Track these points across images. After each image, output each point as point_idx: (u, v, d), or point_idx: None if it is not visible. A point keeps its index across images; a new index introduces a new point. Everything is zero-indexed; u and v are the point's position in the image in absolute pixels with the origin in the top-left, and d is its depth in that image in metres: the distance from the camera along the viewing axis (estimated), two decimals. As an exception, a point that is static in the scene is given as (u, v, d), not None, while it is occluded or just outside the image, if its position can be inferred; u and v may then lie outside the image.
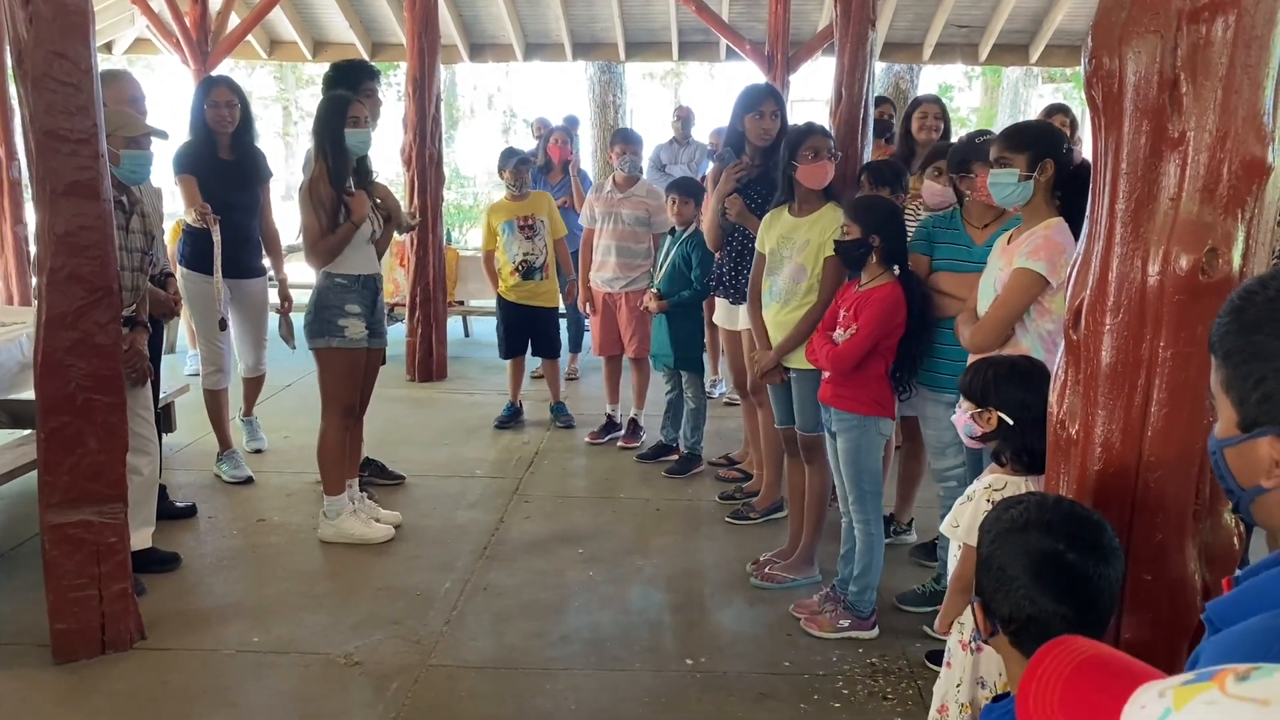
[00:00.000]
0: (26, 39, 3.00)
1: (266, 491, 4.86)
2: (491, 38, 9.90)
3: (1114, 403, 1.77)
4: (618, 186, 5.52)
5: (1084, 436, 1.82)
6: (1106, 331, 1.76)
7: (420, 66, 6.76)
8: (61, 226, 3.08)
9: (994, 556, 1.56)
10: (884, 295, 3.37)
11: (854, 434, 3.48)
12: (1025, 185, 2.96)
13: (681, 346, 5.16)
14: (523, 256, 5.76)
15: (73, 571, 3.20)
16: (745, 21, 9.06)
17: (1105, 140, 1.75)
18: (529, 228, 5.74)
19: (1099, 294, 1.78)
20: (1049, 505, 1.60)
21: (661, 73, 23.49)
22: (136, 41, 9.90)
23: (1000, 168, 3.00)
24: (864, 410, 3.44)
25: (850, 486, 3.53)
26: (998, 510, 1.64)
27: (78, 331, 3.12)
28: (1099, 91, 1.74)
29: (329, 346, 4.12)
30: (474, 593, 3.84)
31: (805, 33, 8.84)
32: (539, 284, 5.80)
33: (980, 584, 1.59)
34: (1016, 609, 1.52)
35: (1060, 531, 1.53)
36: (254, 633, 3.49)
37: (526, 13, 9.58)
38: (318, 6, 9.44)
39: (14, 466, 3.93)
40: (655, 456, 5.38)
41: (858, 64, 4.48)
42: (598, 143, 11.50)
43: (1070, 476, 1.86)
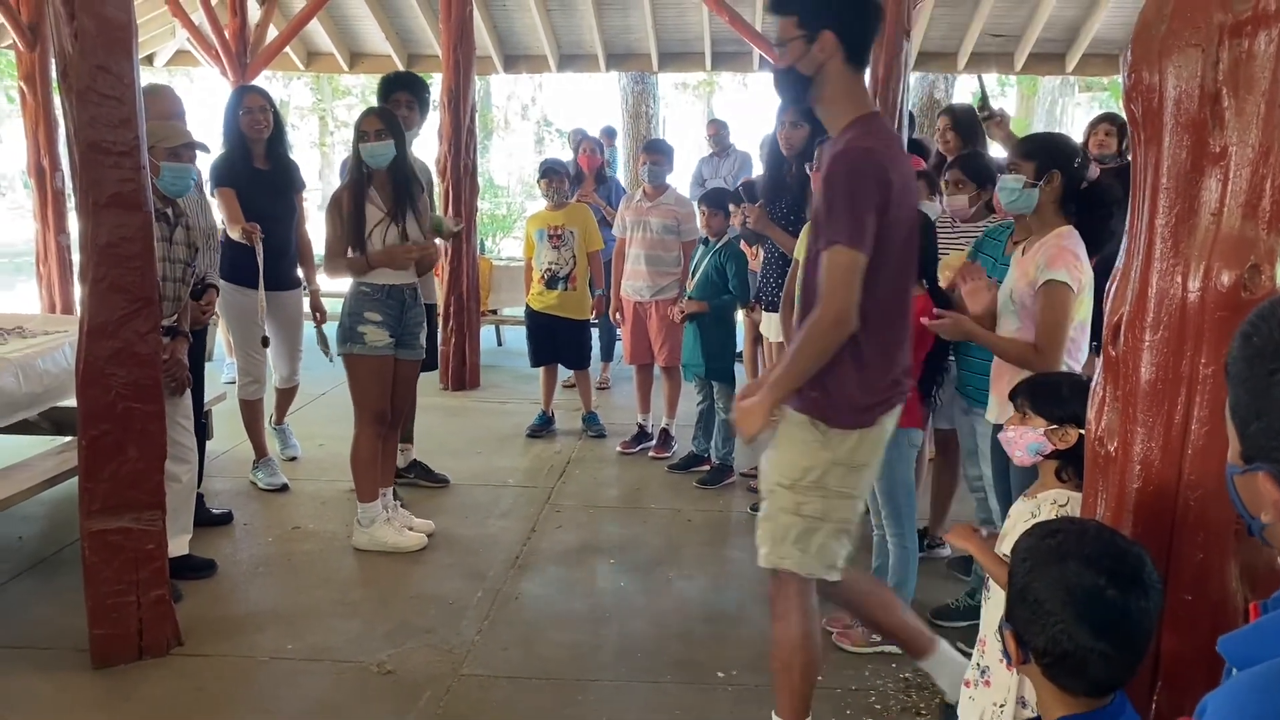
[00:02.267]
0: (71, 53, 3.05)
1: (301, 499, 4.91)
2: (525, 49, 9.95)
3: (1153, 420, 1.74)
4: (647, 196, 5.54)
5: (1122, 454, 1.80)
6: (1146, 348, 1.74)
7: (455, 78, 6.81)
8: (104, 237, 3.13)
9: (1030, 588, 1.51)
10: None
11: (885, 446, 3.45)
12: (1030, 193, 3.02)
13: (713, 356, 5.16)
14: (547, 265, 5.82)
15: (111, 578, 3.24)
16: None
17: (1145, 155, 1.73)
18: (557, 238, 5.79)
19: (1138, 310, 1.76)
20: (1089, 535, 1.54)
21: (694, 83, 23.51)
22: (177, 54, 10.04)
23: (1009, 174, 3.07)
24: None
25: (883, 500, 3.52)
26: (1034, 537, 1.59)
27: (118, 340, 3.17)
28: (1139, 106, 1.72)
29: (351, 352, 4.17)
30: (506, 602, 3.85)
31: (838, 42, 8.81)
32: (564, 294, 5.83)
33: (1014, 613, 1.54)
34: (1052, 643, 1.47)
35: (1101, 565, 1.47)
36: (288, 640, 3.52)
37: (560, 24, 9.63)
38: (354, 18, 9.54)
39: (55, 473, 3.99)
40: (686, 467, 5.38)
41: (892, 75, 4.48)
42: (631, 153, 11.52)
43: (1108, 494, 1.84)
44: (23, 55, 6.78)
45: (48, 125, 6.86)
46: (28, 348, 4.35)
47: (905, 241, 2.47)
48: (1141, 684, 1.73)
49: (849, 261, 2.34)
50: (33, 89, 6.83)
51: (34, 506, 4.34)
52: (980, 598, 3.50)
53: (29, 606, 3.73)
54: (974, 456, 3.54)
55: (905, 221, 2.46)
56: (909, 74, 4.67)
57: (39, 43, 6.69)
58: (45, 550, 4.23)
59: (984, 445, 3.37)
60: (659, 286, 5.45)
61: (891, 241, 2.39)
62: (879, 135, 2.46)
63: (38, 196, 7.02)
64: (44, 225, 6.98)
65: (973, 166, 4.04)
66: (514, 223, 18.42)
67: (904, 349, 2.57)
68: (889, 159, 2.40)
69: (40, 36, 6.68)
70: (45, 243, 6.99)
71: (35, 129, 6.88)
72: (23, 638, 3.48)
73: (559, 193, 5.86)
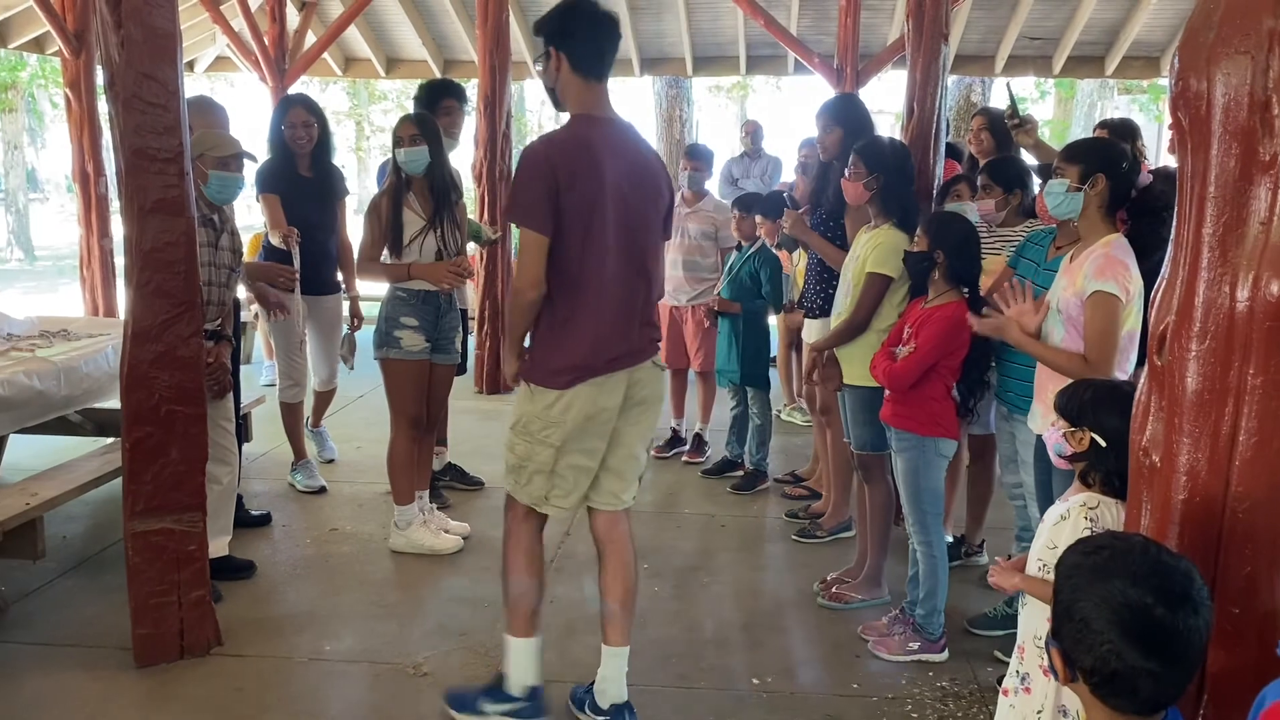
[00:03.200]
0: (118, 61, 3.10)
1: (338, 501, 4.96)
2: (560, 53, 9.99)
3: (1200, 431, 1.72)
4: (685, 201, 5.54)
5: (1167, 465, 1.78)
6: (1192, 358, 1.72)
7: (491, 84, 6.85)
8: (148, 242, 3.18)
9: (1076, 606, 1.48)
10: (946, 315, 3.33)
11: (912, 454, 3.45)
12: (1074, 197, 2.98)
13: (747, 362, 5.15)
14: None
15: (154, 578, 3.29)
16: (814, 35, 9.03)
17: (1192, 163, 1.72)
18: None
19: (1184, 319, 1.74)
20: (1135, 552, 1.51)
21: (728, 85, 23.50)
22: (217, 60, 10.18)
23: (1055, 178, 3.04)
24: (922, 430, 3.41)
25: (910, 507, 3.50)
26: (1078, 553, 1.57)
27: (162, 344, 3.22)
28: (1185, 114, 1.70)
29: (388, 357, 4.20)
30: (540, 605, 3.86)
31: (875, 45, 8.78)
32: None
33: (1060, 631, 1.52)
34: (1101, 663, 1.45)
35: (1149, 583, 1.44)
36: (326, 641, 3.55)
37: (595, 28, 9.65)
38: (391, 25, 9.62)
39: (99, 474, 4.05)
40: (720, 472, 5.37)
41: (930, 79, 4.44)
42: (665, 157, 11.53)
43: (1153, 505, 1.82)
44: (68, 62, 6.90)
45: (92, 131, 6.97)
46: (72, 350, 4.43)
47: (591, 223, 2.69)
48: (1188, 698, 1.71)
49: (527, 240, 2.70)
50: (78, 95, 6.94)
51: (78, 506, 4.41)
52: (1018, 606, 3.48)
53: (74, 605, 3.79)
54: (1013, 464, 3.51)
55: (584, 206, 2.68)
56: (946, 77, 4.63)
57: (84, 50, 6.80)
58: (89, 549, 4.30)
59: (1025, 453, 3.34)
60: (695, 292, 5.45)
61: (572, 223, 2.68)
62: (568, 131, 2.78)
63: (82, 201, 7.13)
64: (88, 230, 7.09)
65: (1000, 170, 4.02)
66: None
67: (615, 327, 2.80)
68: (562, 151, 2.69)
69: (85, 44, 6.79)
70: (89, 247, 7.10)
71: (80, 135, 6.99)
72: (68, 635, 3.54)
73: None
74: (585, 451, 2.87)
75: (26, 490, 3.80)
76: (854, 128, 4.19)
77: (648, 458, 3.15)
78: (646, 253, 2.87)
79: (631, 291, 2.83)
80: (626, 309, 2.82)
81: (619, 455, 2.95)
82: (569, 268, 2.73)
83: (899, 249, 3.59)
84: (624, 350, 2.83)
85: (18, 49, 8.23)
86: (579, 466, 2.89)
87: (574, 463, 2.87)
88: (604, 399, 2.82)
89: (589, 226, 2.70)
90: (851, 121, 4.25)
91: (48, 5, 6.57)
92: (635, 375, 2.89)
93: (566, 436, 2.82)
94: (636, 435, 2.97)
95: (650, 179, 2.87)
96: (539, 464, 2.87)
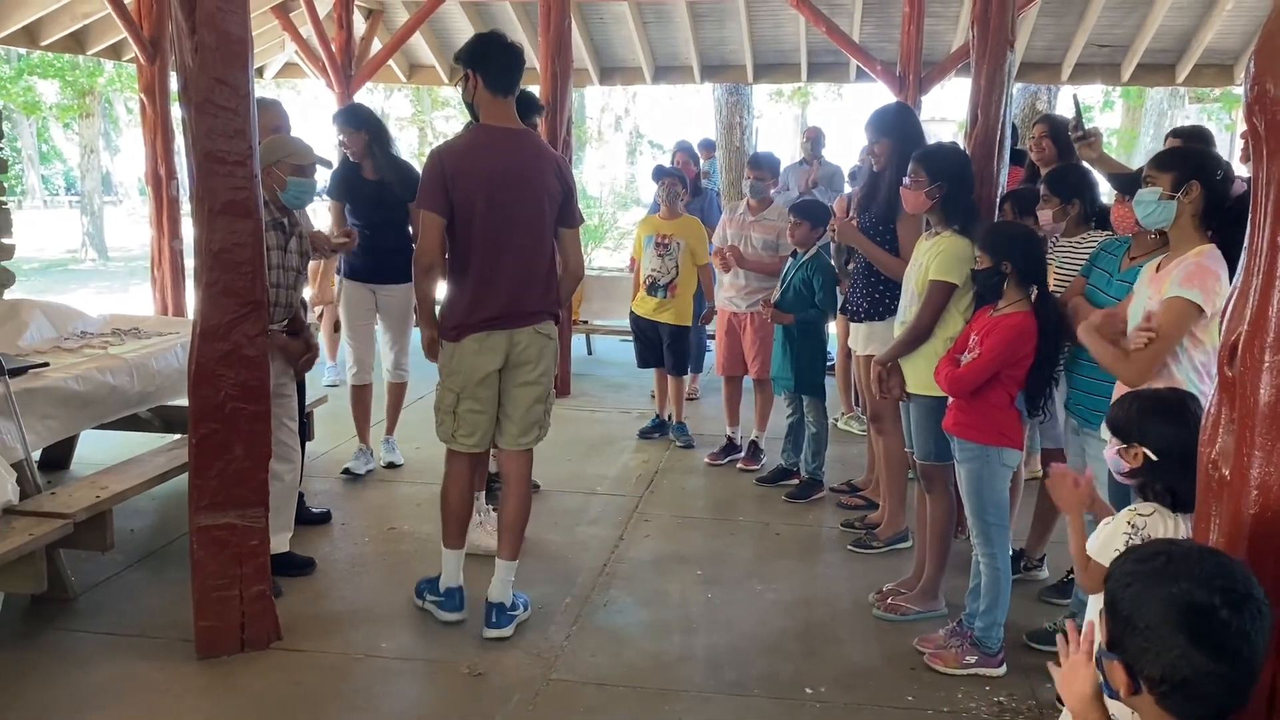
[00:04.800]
0: (192, 66, 3.18)
1: (398, 500, 5.02)
2: (621, 61, 10.04)
3: (1272, 444, 1.68)
4: (749, 209, 5.54)
5: (1238, 478, 1.73)
6: (1265, 369, 1.68)
7: (554, 90, 6.90)
8: (217, 243, 3.25)
9: (1139, 614, 1.45)
10: (1012, 323, 3.28)
11: (976, 464, 3.39)
12: (1167, 205, 2.89)
13: (803, 370, 5.12)
14: (650, 272, 5.91)
15: (217, 572, 3.36)
16: (876, 42, 8.96)
17: (1267, 170, 1.67)
18: (664, 246, 5.86)
19: (1257, 329, 1.69)
20: (1194, 556, 1.49)
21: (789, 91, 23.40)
22: (285, 66, 10.39)
23: (1146, 186, 2.95)
24: (986, 439, 3.36)
25: (973, 518, 3.45)
26: (1131, 562, 1.53)
27: (228, 343, 3.29)
28: (1260, 119, 1.66)
29: None
30: (595, 609, 3.88)
31: (938, 53, 8.69)
32: (663, 301, 5.90)
33: (1121, 642, 1.48)
34: (1171, 670, 1.42)
35: (1213, 584, 1.42)
36: (382, 639, 3.59)
37: (656, 36, 9.69)
38: (455, 32, 9.74)
39: (166, 469, 4.15)
40: (775, 480, 5.34)
41: (995, 87, 4.37)
42: (724, 164, 11.51)
43: (1222, 519, 1.78)
44: (143, 68, 7.09)
45: (165, 135, 7.16)
46: (143, 348, 4.55)
47: (473, 211, 3.39)
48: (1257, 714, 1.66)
49: (425, 219, 3.38)
50: (152, 100, 7.13)
51: (145, 500, 4.52)
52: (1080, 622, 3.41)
53: (139, 596, 3.89)
54: None
55: (466, 197, 3.37)
56: (1012, 85, 4.56)
57: (159, 57, 6.99)
58: (155, 543, 4.41)
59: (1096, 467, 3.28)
60: (756, 299, 5.43)
61: (459, 210, 3.38)
62: (461, 139, 3.56)
63: (154, 204, 7.32)
64: (159, 231, 7.27)
65: (1058, 180, 3.94)
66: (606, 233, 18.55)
67: (491, 293, 3.46)
68: (452, 154, 3.43)
69: (160, 50, 6.97)
70: (160, 247, 7.28)
71: (154, 139, 7.18)
72: (133, 626, 3.63)
73: (675, 198, 5.91)
74: (476, 399, 3.55)
75: (97, 484, 3.91)
76: (902, 137, 4.19)
77: (544, 411, 3.69)
78: (523, 235, 3.47)
79: (506, 266, 3.45)
80: (501, 280, 3.46)
81: (512, 404, 3.61)
82: (458, 247, 3.46)
83: (962, 256, 3.55)
84: (497, 313, 3.47)
85: (95, 55, 8.48)
86: (474, 411, 3.57)
87: (469, 408, 3.56)
88: (483, 353, 3.49)
89: (471, 214, 3.39)
90: (900, 131, 4.24)
91: (125, 13, 6.77)
92: (515, 337, 3.51)
93: (462, 384, 3.53)
94: (523, 388, 3.59)
95: (530, 177, 3.47)
96: (445, 406, 3.59)
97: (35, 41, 7.67)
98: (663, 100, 26.62)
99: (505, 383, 3.58)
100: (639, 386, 7.56)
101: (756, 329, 5.44)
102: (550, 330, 3.63)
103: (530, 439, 3.70)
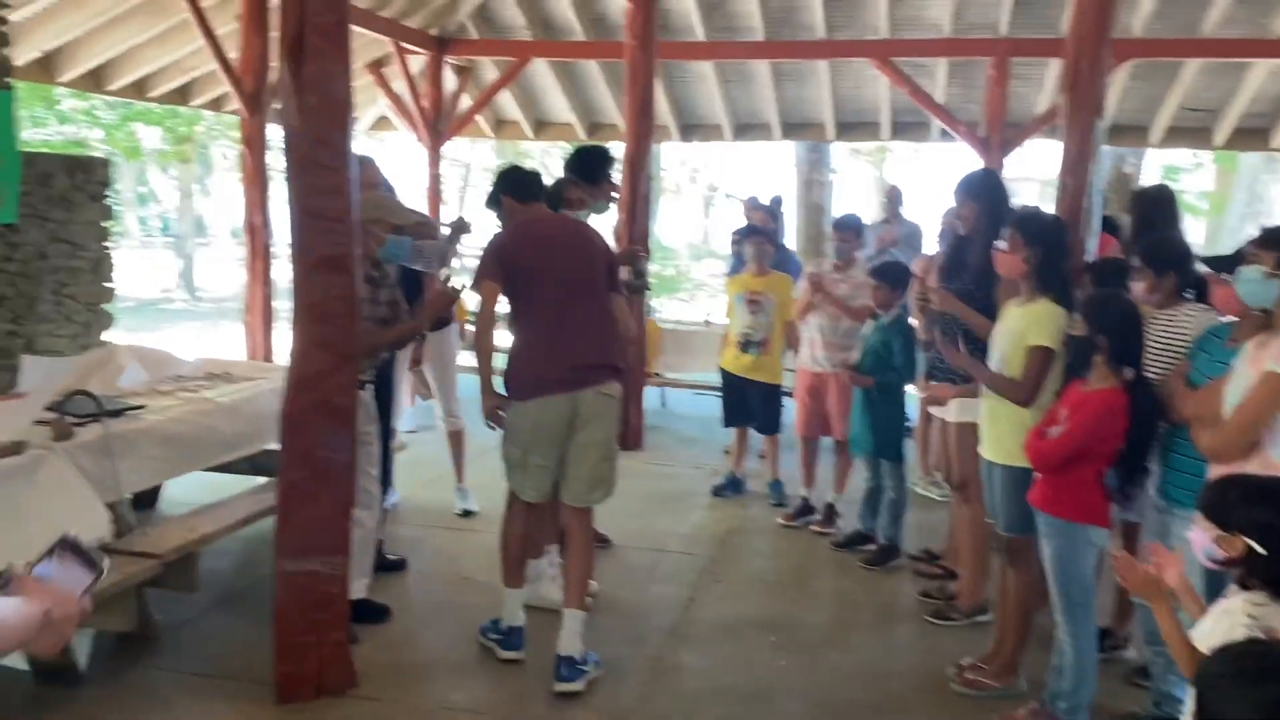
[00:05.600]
0: (296, 125, 3.32)
1: (472, 550, 5.05)
2: (702, 118, 10.14)
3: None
4: (834, 269, 5.53)
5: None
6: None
7: (636, 147, 7.01)
8: (313, 296, 3.36)
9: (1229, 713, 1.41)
10: (1101, 401, 3.21)
11: (1061, 540, 3.31)
12: (1270, 283, 2.85)
13: (882, 433, 5.06)
14: (743, 329, 5.93)
15: (298, 618, 3.42)
16: (960, 103, 8.93)
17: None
18: (756, 303, 5.88)
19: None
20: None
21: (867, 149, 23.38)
22: (377, 120, 10.71)
23: (1248, 264, 2.90)
24: (1072, 516, 3.28)
25: (1058, 596, 3.36)
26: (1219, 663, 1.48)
27: (319, 393, 3.38)
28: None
29: None
30: (665, 671, 3.85)
31: (1023, 115, 8.63)
32: (756, 359, 5.91)
33: None
34: None
35: None
36: (455, 690, 3.61)
37: (738, 94, 9.78)
38: (541, 89, 9.95)
39: (251, 512, 4.25)
40: (851, 545, 5.26)
41: (1084, 153, 4.33)
42: (802, 220, 11.52)
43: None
44: (245, 121, 7.37)
45: (262, 186, 7.39)
46: (235, 392, 4.67)
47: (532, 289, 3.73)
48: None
49: (482, 288, 3.73)
50: (251, 152, 7.39)
51: (229, 542, 4.60)
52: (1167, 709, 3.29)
53: (220, 637, 3.97)
54: None
55: (526, 267, 3.72)
56: (1100, 150, 4.51)
57: (259, 110, 7.26)
58: (236, 584, 4.50)
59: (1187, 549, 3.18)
60: (838, 358, 5.40)
61: (521, 278, 3.72)
62: (511, 230, 3.89)
63: (249, 251, 7.54)
64: (252, 277, 7.49)
65: (1149, 251, 3.85)
66: (680, 285, 18.66)
67: (547, 361, 3.68)
68: (507, 240, 3.83)
69: (260, 105, 7.25)
70: (253, 294, 7.49)
71: (251, 188, 7.43)
72: (214, 667, 3.71)
73: (764, 257, 5.95)
74: (542, 454, 3.71)
75: (186, 525, 4.02)
76: (990, 202, 4.16)
77: (610, 468, 3.83)
78: (580, 297, 3.74)
79: (561, 332, 3.69)
80: (556, 345, 3.68)
81: (577, 462, 3.74)
82: (520, 311, 3.79)
83: (1060, 322, 3.50)
84: (556, 378, 3.66)
85: (198, 107, 8.85)
86: (539, 466, 3.73)
87: (535, 463, 3.73)
88: (546, 413, 3.66)
89: (530, 280, 3.72)
90: (988, 196, 4.22)
91: (229, 69, 7.06)
92: (579, 398, 3.67)
93: (527, 440, 3.70)
94: (588, 448, 3.73)
95: (576, 244, 3.84)
96: (514, 461, 3.77)
97: (144, 94, 8.04)
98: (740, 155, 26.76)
99: (570, 441, 3.71)
100: (712, 442, 7.53)
101: (841, 389, 5.40)
102: (613, 390, 3.77)
103: (597, 496, 3.82)
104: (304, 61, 3.26)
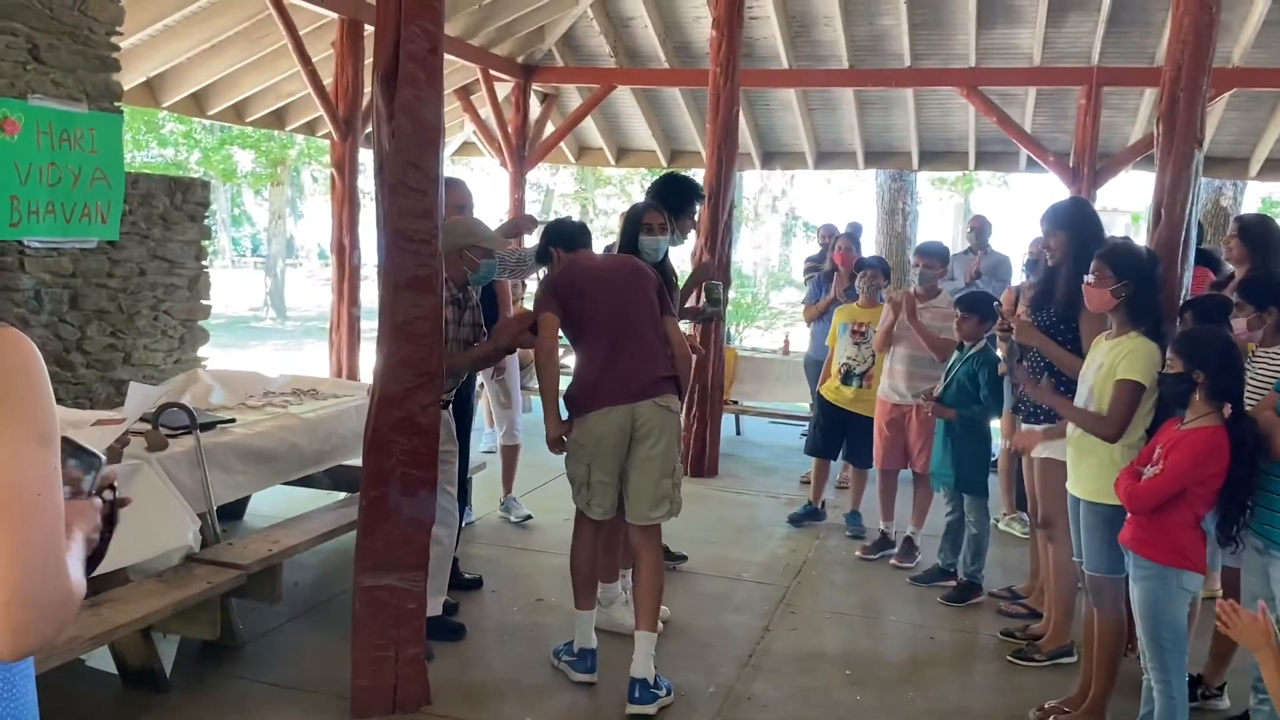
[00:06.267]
0: (388, 150, 3.39)
1: (546, 571, 5.07)
2: (784, 146, 10.15)
3: None
4: (918, 298, 5.45)
5: None
6: None
7: (719, 175, 7.03)
8: (400, 316, 3.42)
9: None
10: (1200, 439, 3.09)
11: (1152, 584, 3.19)
12: None
13: (964, 467, 4.95)
14: (845, 360, 5.91)
15: (376, 632, 3.46)
16: (1049, 133, 8.79)
17: None
18: (860, 334, 5.85)
19: None
20: None
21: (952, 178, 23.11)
22: (463, 145, 10.93)
23: None
24: (1165, 560, 3.15)
25: (1148, 641, 3.23)
26: None
27: (403, 411, 3.43)
28: None
29: None
30: (738, 701, 3.80)
31: (1114, 144, 8.46)
32: (858, 390, 5.86)
33: None
34: None
35: None
36: (527, 711, 3.62)
37: (821, 123, 9.77)
38: (624, 117, 10.06)
39: (333, 526, 4.33)
40: (931, 581, 5.15)
41: (1180, 185, 4.21)
42: (884, 249, 11.40)
43: None
44: (336, 144, 7.57)
45: (351, 208, 7.59)
46: (321, 409, 4.78)
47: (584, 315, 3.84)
48: None
49: (541, 319, 3.85)
50: (342, 175, 7.59)
51: (309, 555, 4.70)
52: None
53: (300, 649, 4.04)
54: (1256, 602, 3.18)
55: (579, 295, 3.86)
56: (1198, 182, 4.38)
57: (351, 135, 7.46)
58: (317, 597, 4.58)
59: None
60: (919, 389, 5.32)
61: (573, 314, 3.85)
62: (564, 266, 4.05)
63: (336, 271, 7.74)
64: (339, 297, 7.68)
65: (1254, 286, 3.72)
66: (759, 313, 18.59)
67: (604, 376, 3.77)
68: (560, 275, 3.99)
69: (352, 129, 7.45)
70: (340, 313, 7.68)
71: (340, 211, 7.62)
72: (293, 678, 3.77)
73: (876, 290, 5.91)
74: (604, 470, 3.77)
75: (269, 537, 4.11)
76: (1080, 232, 4.05)
77: (673, 485, 3.83)
78: (632, 316, 3.85)
79: (623, 346, 3.79)
80: (614, 364, 3.77)
81: (639, 478, 3.78)
82: (579, 337, 3.89)
83: (1152, 357, 3.40)
84: (613, 391, 3.74)
85: (293, 131, 9.13)
86: (602, 482, 3.79)
87: (598, 479, 3.78)
88: (605, 426, 3.73)
89: (583, 307, 3.84)
90: (1077, 225, 4.11)
91: (324, 94, 7.27)
92: (637, 410, 3.73)
93: (590, 456, 3.76)
94: (649, 462, 3.76)
95: (624, 271, 3.98)
96: (579, 478, 3.82)
97: (241, 118, 8.34)
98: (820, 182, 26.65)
99: (631, 457, 3.76)
100: (788, 470, 7.47)
101: (923, 421, 5.31)
102: (671, 403, 3.82)
103: (660, 513, 3.82)
104: (397, 87, 3.34)
